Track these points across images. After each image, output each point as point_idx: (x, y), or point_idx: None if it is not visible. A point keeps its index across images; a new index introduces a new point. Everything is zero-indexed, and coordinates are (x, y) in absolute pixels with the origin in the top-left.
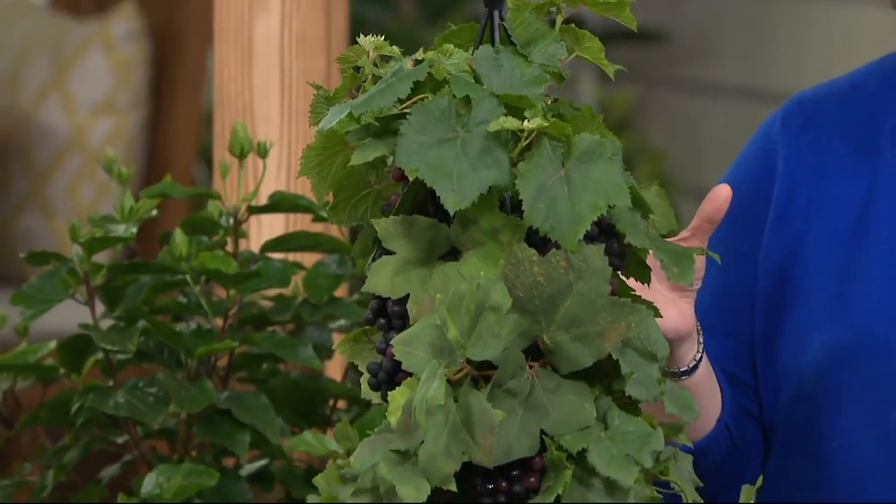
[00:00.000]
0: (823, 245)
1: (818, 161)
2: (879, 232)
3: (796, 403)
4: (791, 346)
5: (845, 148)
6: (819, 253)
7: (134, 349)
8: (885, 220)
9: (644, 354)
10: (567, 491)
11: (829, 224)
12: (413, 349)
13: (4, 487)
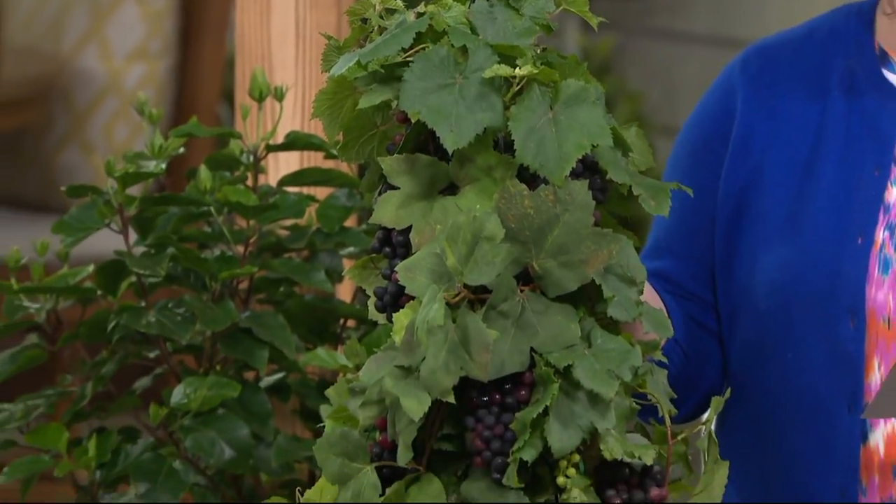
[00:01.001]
0: (778, 176)
1: (774, 101)
2: (828, 163)
3: (753, 319)
4: (747, 266)
5: (798, 90)
6: (774, 182)
7: (163, 273)
8: (832, 153)
9: (624, 279)
10: (554, 403)
11: (783, 157)
12: (415, 275)
13: (48, 397)
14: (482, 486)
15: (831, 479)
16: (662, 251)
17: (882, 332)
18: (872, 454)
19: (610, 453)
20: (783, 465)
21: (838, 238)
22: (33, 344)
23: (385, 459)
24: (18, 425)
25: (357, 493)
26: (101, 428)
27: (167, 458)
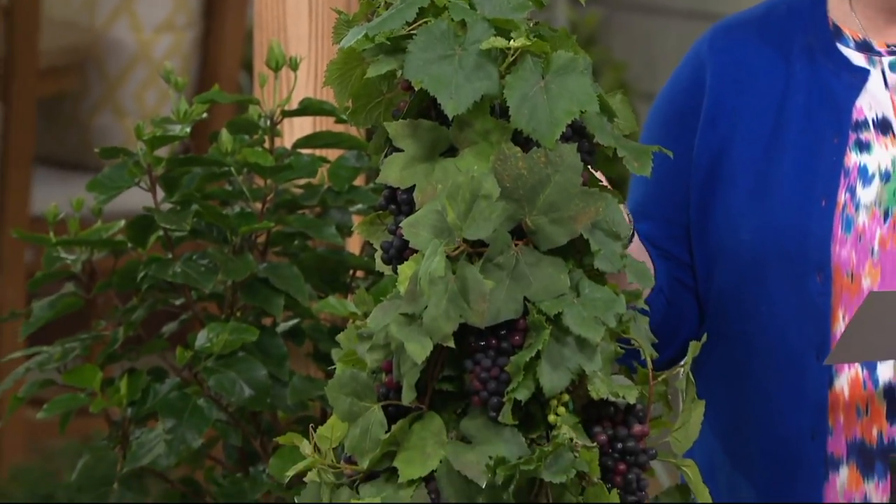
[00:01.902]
0: (746, 145)
1: (740, 76)
2: (791, 132)
3: (728, 276)
4: (721, 228)
5: (762, 63)
6: (743, 151)
7: (188, 228)
8: (795, 122)
9: (609, 234)
10: (545, 347)
11: (750, 127)
12: (418, 230)
13: (83, 340)
14: (479, 423)
15: (801, 421)
16: (640, 215)
17: (846, 286)
18: (838, 397)
19: (596, 393)
20: (756, 408)
21: (804, 201)
22: (70, 292)
23: (390, 399)
24: (57, 366)
25: (365, 430)
26: (132, 369)
27: (192, 396)
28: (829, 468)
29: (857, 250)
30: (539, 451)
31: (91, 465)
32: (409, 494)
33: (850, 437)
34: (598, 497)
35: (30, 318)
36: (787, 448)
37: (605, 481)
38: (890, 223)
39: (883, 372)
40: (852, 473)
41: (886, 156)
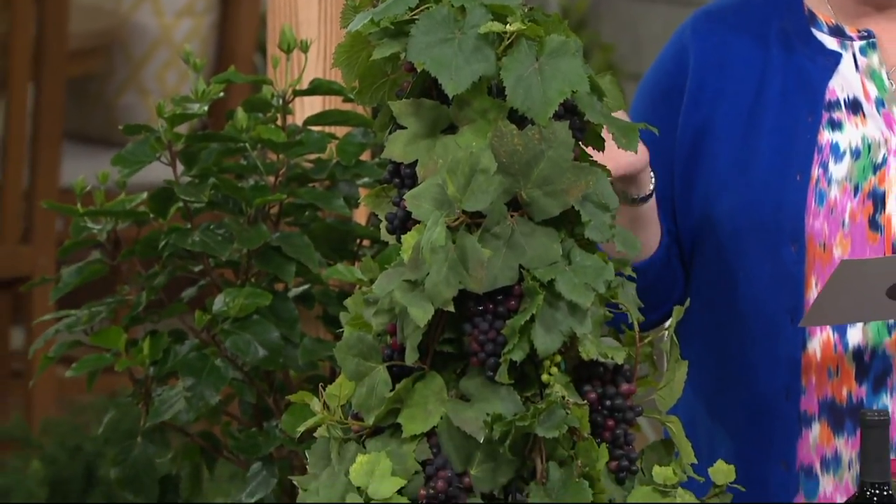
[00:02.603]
0: (727, 123)
1: (721, 58)
2: (768, 112)
3: (710, 245)
4: (703, 200)
5: (742, 46)
6: (723, 129)
7: (206, 200)
8: (772, 103)
9: (599, 206)
10: (539, 311)
11: (731, 105)
12: (421, 202)
13: (109, 304)
14: (477, 382)
15: (776, 380)
16: None
17: (819, 254)
18: (811, 358)
19: (587, 354)
20: (735, 368)
21: (780, 176)
22: (96, 259)
23: (395, 359)
24: (84, 328)
25: (371, 388)
26: (154, 331)
27: (210, 356)
28: (803, 425)
29: (829, 222)
30: (533, 408)
31: (116, 420)
32: (412, 449)
33: (822, 396)
34: (588, 451)
35: (59, 283)
36: (763, 405)
37: (595, 436)
38: (860, 197)
39: (852, 336)
40: (824, 430)
41: (857, 134)
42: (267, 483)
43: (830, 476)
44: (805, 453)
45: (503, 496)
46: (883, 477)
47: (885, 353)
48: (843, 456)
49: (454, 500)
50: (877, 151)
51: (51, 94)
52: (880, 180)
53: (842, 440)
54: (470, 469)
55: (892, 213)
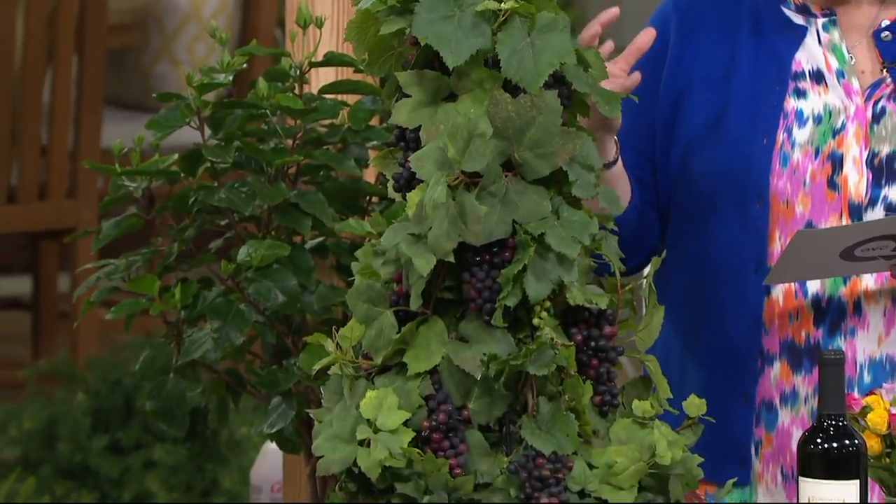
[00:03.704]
0: (702, 90)
1: (699, 31)
2: (740, 80)
3: (684, 200)
4: (679, 159)
5: (717, 22)
6: (699, 93)
7: (231, 160)
8: (744, 71)
9: (585, 167)
10: (531, 262)
11: (706, 74)
12: (424, 163)
13: (144, 254)
14: (475, 325)
15: (742, 323)
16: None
17: (782, 211)
18: (774, 304)
19: (573, 300)
20: (705, 312)
21: (748, 139)
22: (133, 214)
23: (401, 305)
24: (122, 275)
25: (379, 331)
26: (185, 278)
27: (235, 301)
28: (765, 363)
29: (791, 182)
30: (525, 348)
31: (151, 358)
32: (417, 385)
33: (783, 337)
34: (574, 387)
35: (100, 235)
36: (730, 345)
37: (581, 374)
38: (820, 159)
39: (811, 285)
40: (783, 368)
41: (819, 102)
42: (286, 415)
43: (788, 409)
44: (766, 389)
45: (498, 427)
46: (839, 409)
47: (841, 300)
48: (800, 392)
49: (454, 431)
50: (836, 118)
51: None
52: (839, 144)
53: (800, 377)
54: (468, 403)
55: (848, 174)
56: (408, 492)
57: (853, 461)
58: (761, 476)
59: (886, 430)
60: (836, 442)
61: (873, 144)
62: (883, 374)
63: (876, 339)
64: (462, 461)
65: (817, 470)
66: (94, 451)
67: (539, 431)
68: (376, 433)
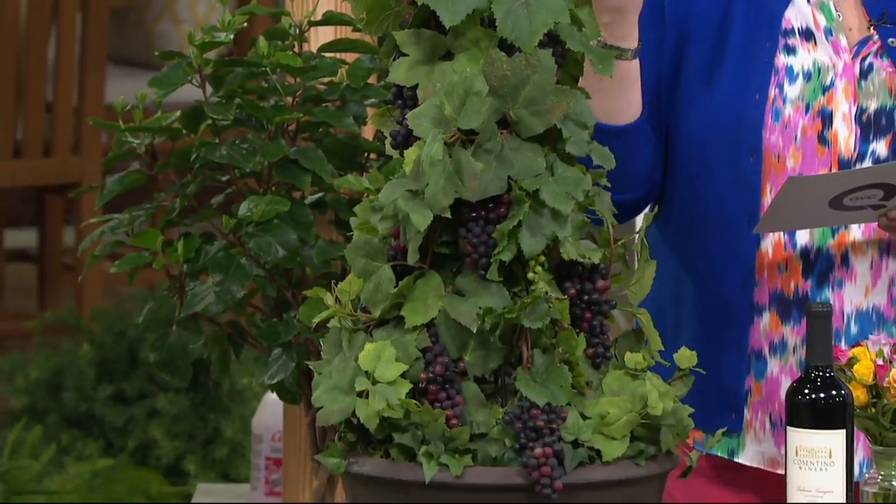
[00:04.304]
0: (698, 45)
1: None
2: (733, 36)
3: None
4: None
5: None
6: (695, 50)
7: (232, 118)
8: (736, 28)
9: (578, 124)
10: (526, 217)
11: (701, 31)
12: (421, 121)
13: (147, 209)
14: (471, 280)
15: (733, 274)
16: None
17: (773, 165)
18: (764, 256)
19: (567, 255)
20: (698, 264)
21: (741, 94)
22: (136, 170)
23: (398, 260)
24: (126, 230)
25: (377, 285)
26: (187, 233)
27: (236, 255)
28: (755, 313)
29: (783, 136)
30: (520, 302)
31: (155, 310)
32: (414, 338)
33: (772, 288)
34: (568, 340)
35: (104, 190)
36: (721, 296)
37: (574, 327)
38: (810, 115)
39: (800, 237)
40: (773, 318)
41: (808, 58)
42: (286, 366)
43: (777, 359)
44: (756, 339)
45: (493, 379)
46: (826, 361)
47: (829, 252)
48: (788, 341)
49: (450, 383)
50: (826, 74)
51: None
52: (828, 100)
53: (788, 327)
54: (464, 355)
55: (838, 129)
56: (405, 442)
57: (840, 411)
58: (750, 424)
59: (872, 381)
60: (823, 392)
61: (861, 100)
62: (869, 324)
63: (863, 291)
64: (458, 412)
65: (805, 420)
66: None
67: (533, 383)
68: (374, 385)
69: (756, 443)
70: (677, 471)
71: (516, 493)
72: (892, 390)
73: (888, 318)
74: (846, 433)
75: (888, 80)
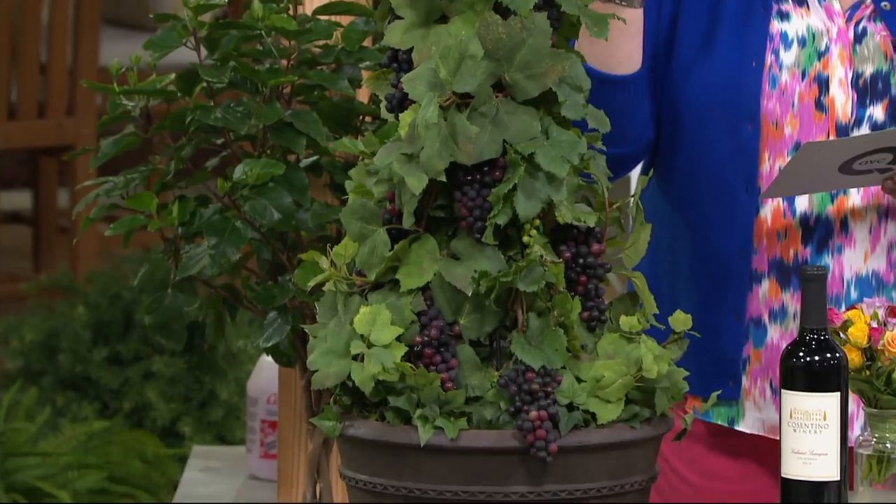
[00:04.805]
0: (693, 14)
1: None
2: (729, 5)
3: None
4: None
5: None
6: (691, 19)
7: (227, 80)
8: None
9: (573, 87)
10: (521, 181)
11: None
12: (416, 84)
13: (142, 172)
14: (466, 243)
15: (732, 242)
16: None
17: (771, 132)
18: (763, 223)
19: (562, 218)
20: (696, 231)
21: (738, 62)
22: (130, 132)
23: (393, 223)
24: (120, 193)
25: (372, 248)
26: (182, 196)
27: (231, 218)
28: (753, 281)
29: (780, 103)
30: (515, 265)
31: (150, 273)
32: (409, 301)
33: (772, 255)
34: (563, 303)
35: (98, 153)
36: (720, 264)
37: (570, 290)
38: (807, 81)
39: (800, 203)
40: (772, 285)
41: (802, 24)
42: (281, 330)
43: (777, 325)
44: (755, 306)
45: (488, 342)
46: (821, 323)
47: (828, 218)
48: (788, 308)
49: (446, 346)
50: (820, 40)
51: None
52: (824, 66)
53: (788, 294)
54: (459, 319)
55: (835, 95)
56: (400, 405)
57: (834, 374)
58: (749, 392)
59: (867, 344)
60: (818, 355)
61: (857, 65)
62: (869, 289)
63: (862, 256)
64: (453, 375)
65: (799, 382)
66: (94, 363)
67: (528, 346)
68: (370, 348)
69: (756, 410)
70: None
71: (511, 456)
72: (886, 353)
73: (888, 282)
74: (840, 396)
75: (882, 44)
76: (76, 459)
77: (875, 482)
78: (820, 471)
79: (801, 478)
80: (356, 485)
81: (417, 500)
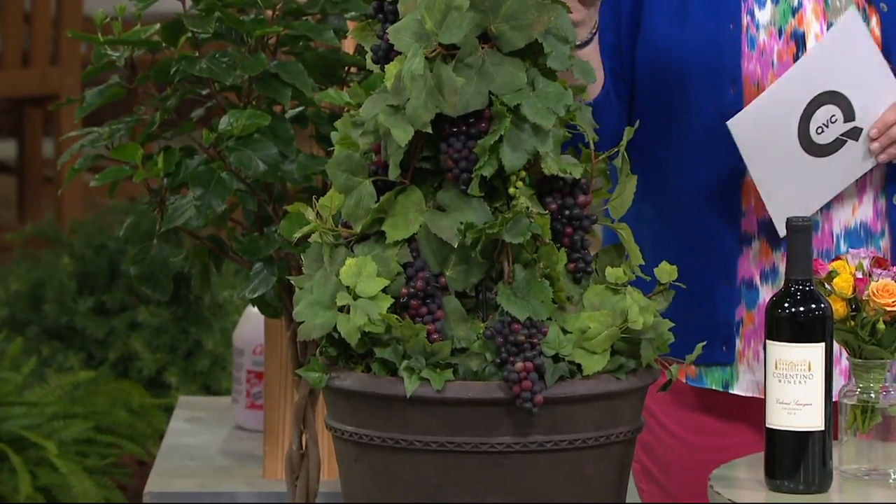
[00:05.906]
0: None
1: None
2: None
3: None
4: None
5: None
6: None
7: (212, 31)
8: None
9: (559, 38)
10: (507, 132)
11: None
12: (402, 35)
13: (127, 122)
14: (452, 195)
15: (721, 204)
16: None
17: (754, 93)
18: (750, 185)
19: (548, 170)
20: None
21: (716, 26)
22: (115, 83)
23: (379, 175)
24: (105, 143)
25: (358, 200)
26: (167, 147)
27: (216, 169)
28: (743, 243)
29: (760, 64)
30: (501, 217)
31: (135, 224)
32: (395, 253)
33: (761, 217)
34: (549, 254)
35: (83, 103)
36: (709, 226)
37: (556, 242)
38: (784, 39)
39: None
40: (763, 246)
41: None
42: (267, 281)
43: (769, 285)
44: (746, 268)
45: (474, 293)
46: (806, 274)
47: None
48: (780, 268)
49: (432, 297)
50: None
51: None
52: (799, 22)
53: (779, 254)
54: (445, 270)
55: None
56: (386, 356)
57: (819, 324)
58: (742, 354)
59: (851, 295)
60: (803, 306)
61: (830, 17)
62: (858, 241)
63: (850, 209)
64: (439, 327)
65: (784, 333)
66: (79, 313)
67: (514, 298)
68: (356, 300)
69: (750, 372)
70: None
71: (497, 407)
72: (871, 303)
73: (875, 232)
74: (825, 346)
75: None
76: (62, 409)
77: (859, 432)
78: (805, 421)
79: (785, 428)
80: (342, 436)
81: (403, 450)
